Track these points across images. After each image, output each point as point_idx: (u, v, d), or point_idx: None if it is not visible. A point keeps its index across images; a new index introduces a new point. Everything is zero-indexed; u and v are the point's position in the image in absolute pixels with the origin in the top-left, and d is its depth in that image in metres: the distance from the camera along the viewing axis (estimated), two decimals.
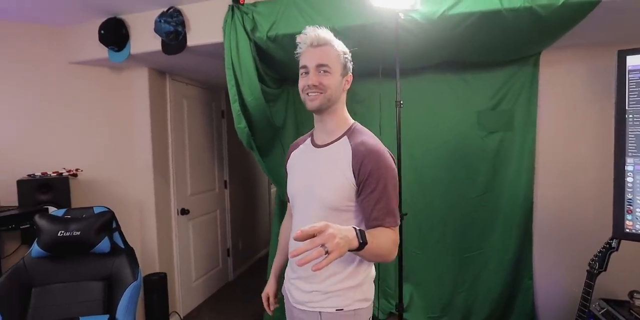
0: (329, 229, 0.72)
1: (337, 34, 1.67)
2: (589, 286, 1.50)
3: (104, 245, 1.48)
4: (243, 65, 1.85)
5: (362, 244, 0.79)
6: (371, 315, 1.07)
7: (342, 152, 1.00)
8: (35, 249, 1.43)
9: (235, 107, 1.90)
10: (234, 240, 3.43)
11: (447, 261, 2.26)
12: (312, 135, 1.15)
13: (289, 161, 1.20)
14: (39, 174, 2.04)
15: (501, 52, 1.96)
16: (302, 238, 0.71)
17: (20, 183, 1.91)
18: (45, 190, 1.93)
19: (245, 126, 1.93)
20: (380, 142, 1.03)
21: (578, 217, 2.05)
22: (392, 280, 2.35)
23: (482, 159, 2.17)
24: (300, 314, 1.05)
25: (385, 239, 0.90)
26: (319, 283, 1.01)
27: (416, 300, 2.33)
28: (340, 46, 1.02)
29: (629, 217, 1.22)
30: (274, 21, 1.78)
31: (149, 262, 2.41)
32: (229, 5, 1.81)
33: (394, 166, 0.99)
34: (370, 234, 0.84)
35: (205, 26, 1.93)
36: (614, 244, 1.42)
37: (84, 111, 2.29)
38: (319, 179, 1.02)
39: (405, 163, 2.19)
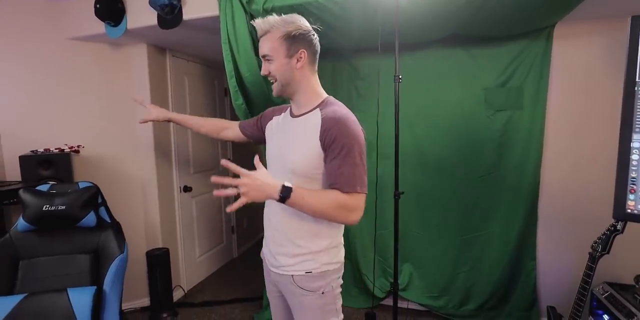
0: (247, 178, 0.92)
1: (336, 5, 1.63)
2: (590, 269, 1.45)
3: (90, 219, 1.51)
4: (239, 39, 1.80)
5: (282, 198, 0.92)
6: (341, 274, 1.14)
7: (313, 122, 1.04)
8: (21, 222, 1.46)
9: (232, 83, 1.87)
10: (239, 218, 3.48)
11: (448, 242, 2.24)
12: (290, 107, 1.19)
13: (267, 129, 1.26)
14: (42, 150, 2.07)
15: (512, 24, 1.84)
16: (225, 166, 0.92)
17: (22, 159, 1.94)
18: (47, 166, 1.96)
19: (242, 102, 1.90)
20: (350, 113, 1.06)
21: (586, 199, 1.98)
22: (391, 260, 2.35)
23: (488, 139, 2.10)
24: (275, 276, 1.14)
25: (326, 199, 0.96)
26: (286, 246, 1.09)
27: (415, 280, 2.33)
28: (283, 27, 1.03)
29: (631, 196, 1.15)
30: None
31: (152, 238, 2.46)
32: None
33: (361, 135, 1.02)
34: (307, 192, 0.96)
35: None
36: (619, 227, 1.36)
37: (85, 88, 2.28)
38: (289, 147, 1.07)
39: (406, 140, 2.14)
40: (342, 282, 1.16)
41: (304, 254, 1.07)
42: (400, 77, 1.61)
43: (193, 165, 2.81)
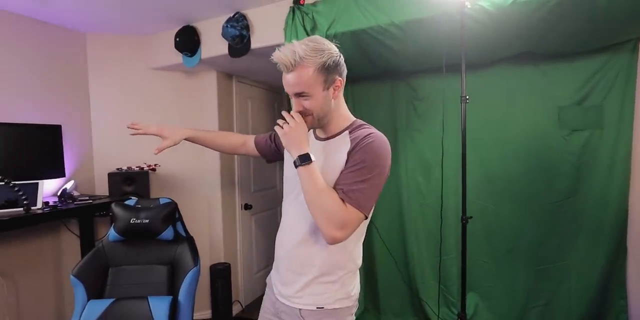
0: (298, 122, 0.94)
1: (398, 29, 1.65)
2: None
3: (168, 233, 1.63)
4: None
5: (302, 158, 0.92)
6: (354, 311, 1.05)
7: (343, 145, 0.98)
8: (112, 233, 1.63)
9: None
10: None
11: (519, 272, 2.06)
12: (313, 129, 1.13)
13: None
14: (125, 168, 2.31)
15: (590, 38, 1.72)
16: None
17: (110, 175, 2.17)
18: (129, 182, 2.18)
19: None
20: (382, 134, 0.99)
21: None
22: (454, 287, 2.21)
23: (564, 161, 1.93)
24: (281, 306, 1.05)
25: (329, 194, 0.90)
26: (297, 272, 1.01)
27: (482, 311, 2.16)
28: (316, 58, 0.92)
29: None
30: (333, 19, 1.78)
31: (215, 252, 2.58)
32: (290, 7, 1.86)
33: (388, 159, 0.96)
34: (320, 180, 0.91)
35: (268, 29, 2.01)
36: None
37: (162, 112, 2.53)
38: None
39: (471, 163, 2.04)
40: (354, 318, 1.05)
41: (316, 283, 0.98)
42: (467, 97, 1.57)
43: (253, 184, 2.93)
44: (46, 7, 1.91)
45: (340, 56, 0.98)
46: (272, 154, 1.28)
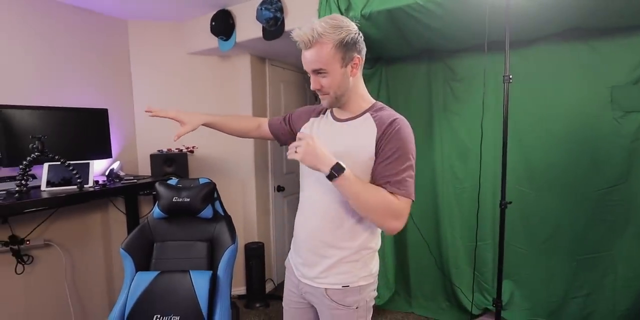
0: (310, 139, 0.90)
1: (437, 6, 1.57)
2: None
3: (208, 211, 1.70)
4: None
5: (332, 174, 0.87)
6: (376, 286, 1.08)
7: (366, 127, 0.98)
8: (156, 210, 1.72)
9: None
10: None
11: (559, 261, 1.99)
12: (326, 109, 1.12)
13: (304, 127, 1.15)
14: (166, 150, 2.41)
15: None
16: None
17: (152, 157, 2.29)
18: (169, 163, 2.28)
19: None
20: (403, 117, 0.99)
21: None
22: (489, 274, 2.17)
23: (615, 145, 1.81)
24: (306, 287, 1.07)
25: (376, 193, 0.90)
26: (321, 253, 1.02)
27: (518, 299, 2.12)
28: (334, 35, 0.91)
29: None
30: None
31: (249, 232, 2.68)
32: None
33: (413, 141, 0.96)
34: (359, 179, 0.90)
35: (302, 10, 1.99)
36: None
37: (200, 96, 2.60)
38: (337, 153, 0.95)
39: (511, 148, 1.95)
40: (376, 294, 1.09)
41: (341, 263, 1.01)
42: (510, 77, 1.49)
43: (286, 166, 2.98)
44: None
45: (358, 34, 0.96)
46: (286, 136, 1.26)
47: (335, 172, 0.87)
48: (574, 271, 1.95)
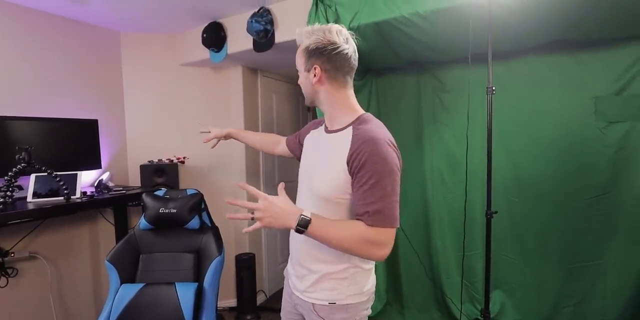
0: (263, 202, 0.88)
1: (423, 19, 1.61)
2: None
3: (195, 222, 1.70)
4: None
5: (299, 228, 0.85)
6: (369, 305, 1.04)
7: (343, 141, 0.94)
8: (143, 222, 1.71)
9: None
10: None
11: (548, 270, 1.99)
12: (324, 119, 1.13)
13: (305, 143, 1.19)
14: (156, 160, 2.41)
15: (633, 22, 1.61)
16: (241, 187, 0.95)
17: (142, 167, 2.28)
18: (160, 174, 2.28)
19: None
20: (386, 133, 0.94)
21: None
22: (479, 284, 2.16)
23: (600, 155, 1.84)
24: (297, 299, 1.08)
25: (351, 233, 0.86)
26: (309, 267, 1.01)
27: (508, 309, 2.11)
28: (306, 40, 0.97)
29: None
30: (356, 12, 1.76)
31: (240, 243, 2.66)
32: (313, 0, 1.86)
33: (395, 160, 0.89)
34: (329, 224, 0.87)
35: (292, 23, 2.02)
36: None
37: (190, 107, 2.61)
38: (316, 169, 1.01)
39: (499, 158, 1.98)
40: (370, 312, 1.05)
41: (326, 279, 0.99)
42: (493, 88, 1.52)
43: (278, 177, 2.98)
44: (83, 6, 2.02)
45: (328, 47, 0.94)
46: (299, 151, 1.28)
47: (302, 225, 0.85)
48: (563, 280, 1.95)
